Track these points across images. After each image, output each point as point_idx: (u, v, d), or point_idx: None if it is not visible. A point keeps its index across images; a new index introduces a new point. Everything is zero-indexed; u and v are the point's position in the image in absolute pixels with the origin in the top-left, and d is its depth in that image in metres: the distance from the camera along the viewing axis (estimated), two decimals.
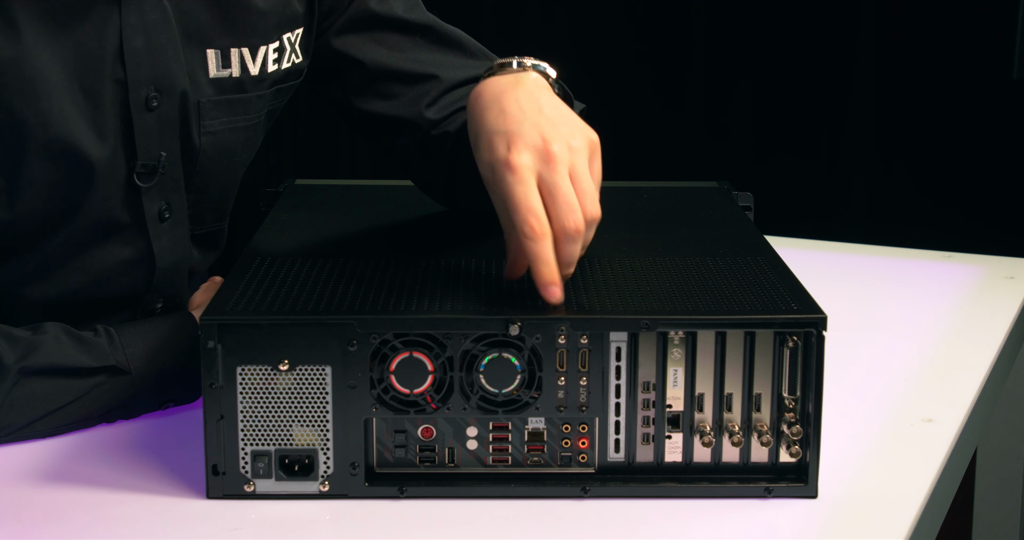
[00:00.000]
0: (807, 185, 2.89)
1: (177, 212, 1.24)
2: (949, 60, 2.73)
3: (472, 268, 1.12)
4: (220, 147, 1.25)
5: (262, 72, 1.26)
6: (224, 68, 1.23)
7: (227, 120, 1.25)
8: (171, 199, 1.23)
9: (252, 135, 1.29)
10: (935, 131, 2.78)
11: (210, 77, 1.22)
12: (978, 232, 2.71)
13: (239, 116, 1.26)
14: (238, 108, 1.26)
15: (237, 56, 1.24)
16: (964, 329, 1.43)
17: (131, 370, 1.14)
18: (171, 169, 1.21)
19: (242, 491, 1.03)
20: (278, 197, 1.41)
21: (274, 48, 1.27)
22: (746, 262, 1.15)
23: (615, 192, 1.45)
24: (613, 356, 1.02)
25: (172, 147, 1.21)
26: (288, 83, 1.31)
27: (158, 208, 1.22)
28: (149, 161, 1.19)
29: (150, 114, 1.18)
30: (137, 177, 1.18)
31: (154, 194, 1.21)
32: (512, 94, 1.11)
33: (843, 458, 1.09)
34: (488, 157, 1.06)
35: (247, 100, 1.26)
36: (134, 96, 1.17)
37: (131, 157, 1.18)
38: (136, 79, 1.16)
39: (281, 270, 1.12)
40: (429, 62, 1.33)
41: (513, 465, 1.04)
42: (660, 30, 2.93)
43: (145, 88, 1.17)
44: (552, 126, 1.06)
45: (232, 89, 1.24)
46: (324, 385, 1.01)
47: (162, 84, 1.18)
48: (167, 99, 1.18)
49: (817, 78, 2.84)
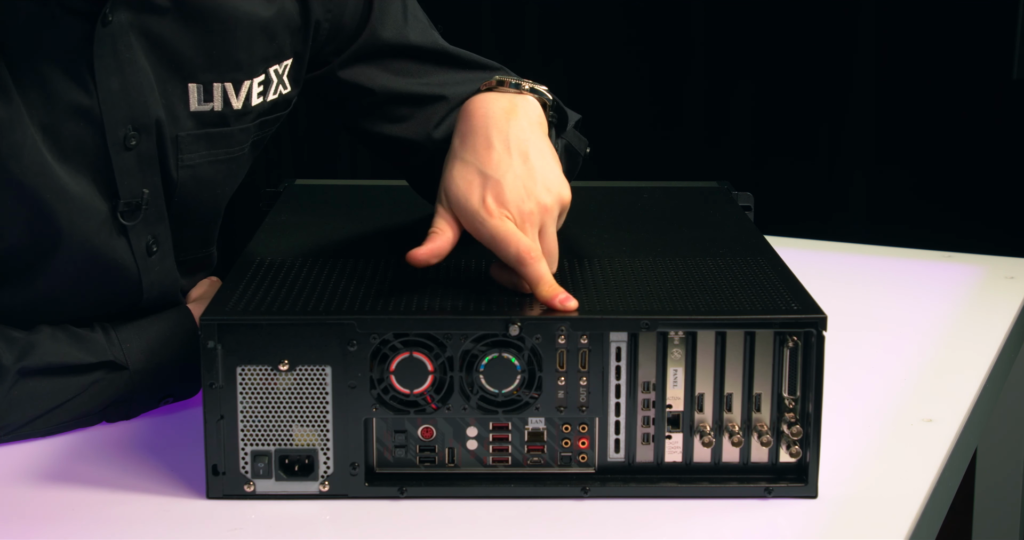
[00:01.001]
0: (807, 185, 2.89)
1: (163, 244, 1.21)
2: (949, 60, 2.73)
3: (472, 268, 1.12)
4: (199, 180, 1.22)
5: (246, 106, 1.23)
6: (206, 102, 1.20)
7: (207, 153, 1.22)
8: (157, 232, 1.20)
9: (234, 167, 1.26)
10: (935, 131, 2.78)
11: (190, 110, 1.19)
12: (978, 232, 2.70)
13: (220, 149, 1.23)
14: (219, 141, 1.22)
15: (220, 90, 1.20)
16: (964, 329, 1.43)
17: (129, 365, 1.14)
18: (154, 203, 1.19)
19: (242, 491, 1.03)
20: (278, 197, 1.41)
21: (259, 81, 1.23)
22: (746, 262, 1.15)
23: (615, 192, 1.45)
24: (613, 356, 1.02)
25: (154, 183, 1.18)
26: (274, 115, 1.27)
27: (145, 243, 1.19)
28: (132, 199, 1.16)
29: (128, 153, 1.15)
30: (121, 216, 1.16)
31: (140, 229, 1.18)
32: (503, 128, 1.12)
33: (843, 458, 1.09)
34: (464, 193, 1.08)
35: (229, 134, 1.23)
36: (111, 136, 1.14)
37: (112, 196, 1.16)
38: (112, 120, 1.13)
39: (281, 270, 1.12)
40: (437, 83, 1.32)
41: (513, 465, 1.04)
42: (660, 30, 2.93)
43: (123, 127, 1.14)
44: (533, 182, 1.09)
45: (213, 123, 1.21)
46: (324, 385, 1.01)
47: (140, 122, 1.15)
48: (145, 136, 1.16)
49: (817, 78, 2.84)
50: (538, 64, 2.95)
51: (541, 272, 1.03)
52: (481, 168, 1.09)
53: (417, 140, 1.31)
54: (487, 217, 1.07)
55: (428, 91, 1.31)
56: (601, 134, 2.91)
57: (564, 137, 1.28)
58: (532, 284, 1.04)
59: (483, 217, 1.07)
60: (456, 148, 1.13)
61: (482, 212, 1.07)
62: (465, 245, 1.11)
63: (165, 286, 1.22)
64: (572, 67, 2.95)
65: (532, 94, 1.18)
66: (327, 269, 1.12)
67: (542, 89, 1.20)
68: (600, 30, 2.96)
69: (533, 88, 1.19)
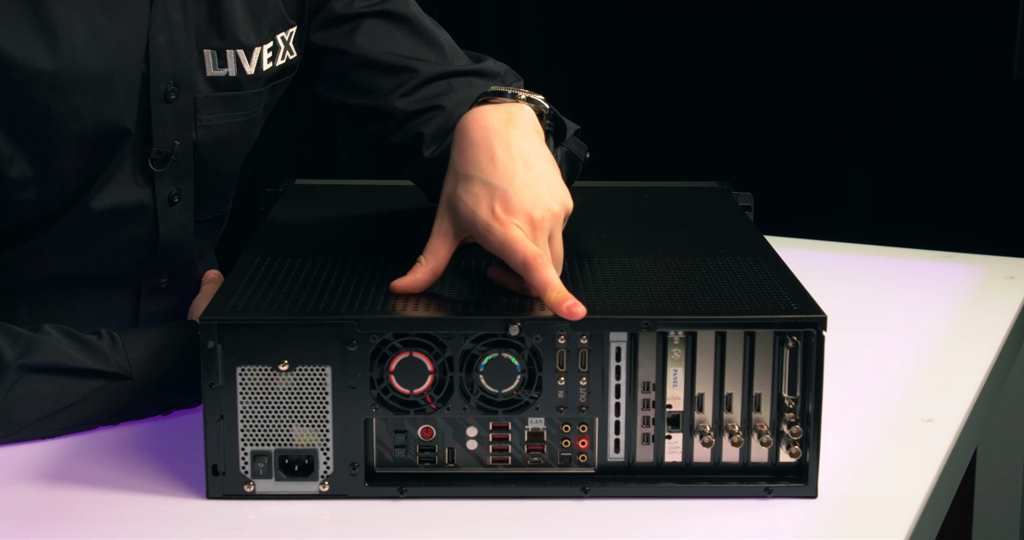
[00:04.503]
0: (807, 185, 2.89)
1: (185, 198, 1.30)
2: (949, 60, 2.73)
3: (472, 268, 1.12)
4: (217, 140, 1.30)
5: (258, 71, 1.31)
6: (221, 67, 1.28)
7: (223, 115, 1.30)
8: (181, 185, 1.29)
9: (248, 128, 1.34)
10: (935, 131, 2.78)
11: (207, 75, 1.27)
12: (978, 232, 2.70)
13: (236, 112, 1.31)
14: (235, 105, 1.30)
15: (233, 57, 1.29)
16: (964, 329, 1.43)
17: (133, 376, 1.14)
18: (183, 157, 1.28)
19: (242, 491, 1.03)
20: (278, 197, 1.41)
21: (268, 48, 1.31)
22: (746, 262, 1.15)
23: (615, 192, 1.45)
24: (613, 356, 1.02)
25: (185, 137, 1.27)
26: (283, 78, 1.36)
27: (168, 193, 1.28)
28: (164, 149, 1.25)
29: (168, 106, 1.24)
30: (152, 163, 1.25)
31: (166, 179, 1.27)
32: (504, 137, 1.11)
33: (843, 458, 1.09)
34: (472, 207, 1.07)
35: (243, 97, 1.31)
36: (154, 89, 1.23)
37: (146, 144, 1.24)
38: (157, 73, 1.23)
39: (281, 270, 1.12)
40: (406, 54, 1.35)
41: (513, 465, 1.04)
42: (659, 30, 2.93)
43: (165, 82, 1.23)
44: (539, 189, 1.09)
45: (228, 87, 1.29)
46: (324, 385, 1.01)
47: (180, 78, 1.25)
48: (183, 92, 1.25)
49: (817, 78, 2.84)
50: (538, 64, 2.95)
51: (549, 278, 1.03)
52: (487, 179, 1.08)
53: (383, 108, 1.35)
54: (497, 225, 1.06)
55: (396, 62, 1.35)
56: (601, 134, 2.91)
57: (564, 145, 1.29)
58: (540, 290, 1.03)
59: (493, 226, 1.06)
60: (457, 164, 1.11)
61: (492, 222, 1.06)
62: (465, 245, 1.11)
63: (181, 238, 1.31)
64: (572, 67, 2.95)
65: (528, 104, 1.17)
66: (327, 269, 1.12)
67: (538, 98, 1.19)
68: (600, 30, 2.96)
69: (529, 97, 1.18)
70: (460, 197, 1.09)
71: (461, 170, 1.10)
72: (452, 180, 1.11)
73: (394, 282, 1.07)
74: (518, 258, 1.04)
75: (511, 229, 1.05)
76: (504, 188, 1.07)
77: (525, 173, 1.09)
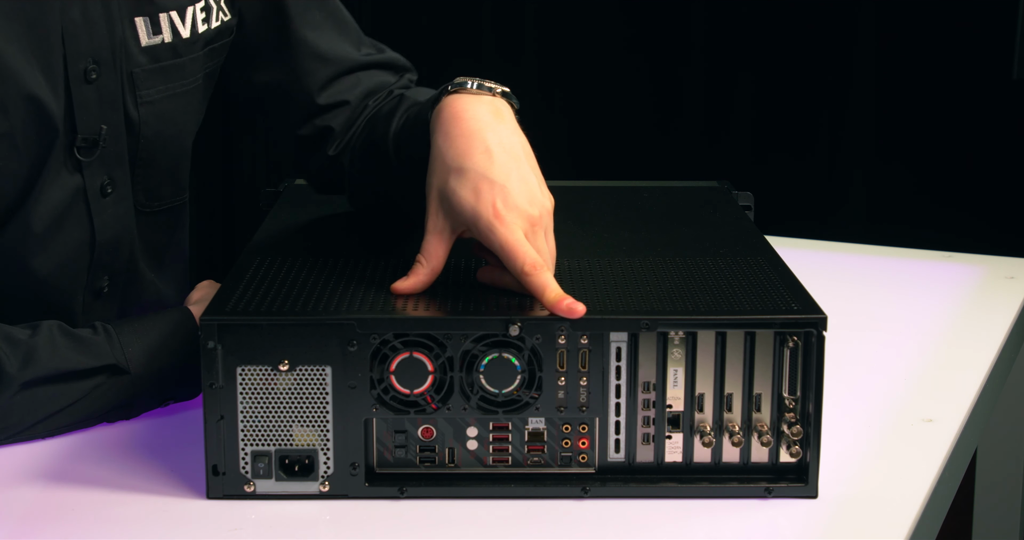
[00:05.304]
0: (807, 185, 2.89)
1: (121, 187, 1.21)
2: (949, 60, 2.73)
3: (472, 268, 1.12)
4: (161, 116, 1.23)
5: (193, 34, 1.24)
6: (155, 35, 1.20)
7: (164, 88, 1.22)
8: (113, 174, 1.20)
9: (192, 101, 1.27)
10: (935, 131, 2.78)
11: (142, 46, 1.20)
12: (978, 232, 2.70)
13: (175, 82, 1.24)
14: (173, 74, 1.23)
15: (167, 20, 1.21)
16: (964, 329, 1.43)
17: (131, 370, 1.14)
18: (112, 143, 1.18)
19: (242, 491, 1.03)
20: (278, 197, 1.41)
21: (200, 7, 1.24)
22: (746, 262, 1.15)
23: (615, 192, 1.45)
24: (613, 356, 1.02)
25: (114, 120, 1.18)
26: (220, 42, 1.28)
27: (100, 183, 1.19)
28: (89, 135, 1.16)
29: (89, 86, 1.15)
30: (78, 152, 1.16)
31: (96, 168, 1.18)
32: (496, 130, 1.11)
33: (843, 458, 1.09)
34: (472, 202, 1.07)
35: (182, 64, 1.23)
36: (72, 69, 1.14)
37: (70, 131, 1.15)
38: (75, 51, 1.14)
39: (281, 270, 1.12)
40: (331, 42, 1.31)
41: (513, 465, 1.04)
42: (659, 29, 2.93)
43: (83, 60, 1.14)
44: (534, 186, 1.09)
45: (166, 55, 1.22)
46: (324, 385, 1.01)
47: (100, 55, 1.15)
48: (105, 70, 1.16)
49: (817, 78, 2.84)
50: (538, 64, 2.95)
51: (546, 281, 1.03)
52: (485, 173, 1.08)
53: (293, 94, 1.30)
54: (499, 225, 1.05)
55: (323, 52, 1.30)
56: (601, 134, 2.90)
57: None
58: (538, 293, 1.03)
59: (495, 225, 1.05)
60: (447, 155, 1.10)
61: (494, 221, 1.06)
62: (464, 245, 1.11)
63: (119, 231, 1.21)
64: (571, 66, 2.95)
65: (502, 97, 1.15)
66: (327, 269, 1.12)
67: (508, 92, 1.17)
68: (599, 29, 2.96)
69: (504, 91, 1.16)
70: (456, 191, 1.08)
71: (453, 162, 1.09)
72: (441, 172, 1.09)
73: (395, 284, 1.07)
74: (518, 264, 1.04)
75: (514, 232, 1.05)
76: (502, 183, 1.07)
77: (520, 170, 1.09)
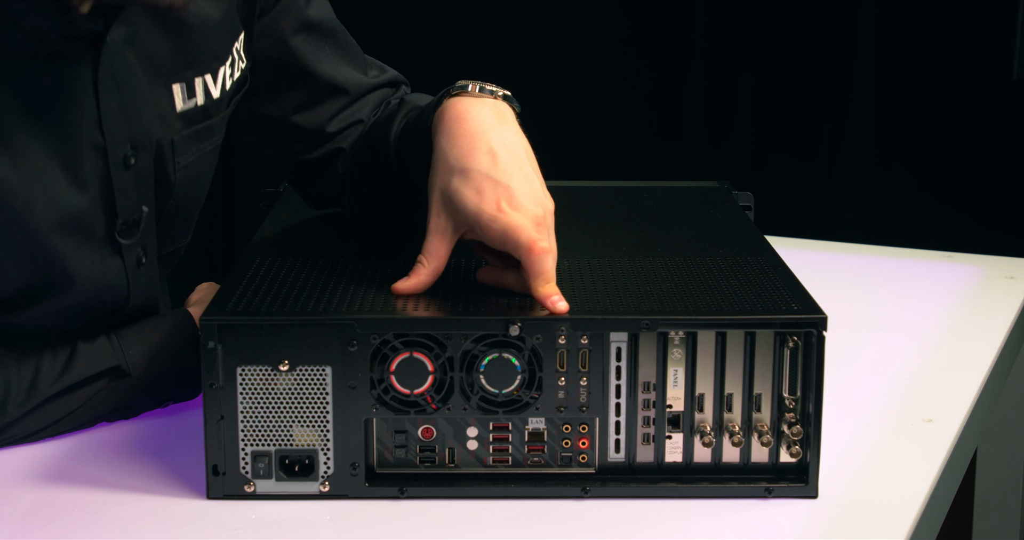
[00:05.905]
0: (807, 185, 2.89)
1: (150, 254, 1.19)
2: (949, 60, 2.73)
3: (472, 268, 1.12)
4: (191, 177, 1.21)
5: (222, 92, 1.22)
6: (190, 99, 1.18)
7: (196, 150, 1.21)
8: (146, 244, 1.18)
9: (216, 155, 1.26)
10: (935, 131, 2.78)
11: (178, 112, 1.17)
12: (978, 232, 2.70)
13: (206, 142, 1.22)
14: (205, 135, 1.21)
15: (201, 84, 1.19)
16: (964, 329, 1.43)
17: (131, 372, 1.14)
18: (148, 219, 1.17)
19: (242, 491, 1.03)
20: (278, 197, 1.41)
21: (229, 63, 1.22)
22: (746, 262, 1.15)
23: (615, 192, 1.45)
24: (613, 356, 1.02)
25: (149, 198, 1.17)
26: (239, 93, 1.26)
27: (136, 256, 1.17)
28: (129, 217, 1.15)
29: (127, 172, 1.13)
30: (119, 235, 1.14)
31: (132, 246, 1.17)
32: (499, 132, 1.11)
33: (843, 458, 1.09)
34: (476, 202, 1.07)
35: (212, 125, 1.22)
36: (113, 157, 1.12)
37: (111, 216, 1.13)
38: (114, 141, 1.11)
39: (281, 270, 1.12)
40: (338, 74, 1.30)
41: (513, 465, 1.04)
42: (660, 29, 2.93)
43: (122, 148, 1.12)
44: (536, 187, 1.09)
45: (198, 118, 1.20)
46: (324, 385, 1.01)
47: (138, 140, 1.14)
48: (142, 153, 1.14)
49: (817, 78, 2.84)
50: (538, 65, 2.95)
51: (545, 266, 1.03)
52: (488, 173, 1.08)
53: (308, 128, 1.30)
54: (499, 215, 1.06)
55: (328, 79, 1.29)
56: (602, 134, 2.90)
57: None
58: (533, 276, 1.03)
59: (497, 217, 1.06)
60: (450, 156, 1.10)
61: (497, 214, 1.06)
62: (465, 245, 1.11)
63: (149, 291, 1.20)
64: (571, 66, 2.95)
65: (504, 101, 1.16)
66: (327, 269, 1.12)
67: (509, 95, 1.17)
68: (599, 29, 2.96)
69: (505, 95, 1.16)
70: (459, 191, 1.08)
71: (456, 163, 1.09)
72: (444, 172, 1.09)
73: (396, 284, 1.07)
74: (521, 241, 1.04)
75: (514, 217, 1.05)
76: (507, 184, 1.07)
77: (523, 171, 1.09)
